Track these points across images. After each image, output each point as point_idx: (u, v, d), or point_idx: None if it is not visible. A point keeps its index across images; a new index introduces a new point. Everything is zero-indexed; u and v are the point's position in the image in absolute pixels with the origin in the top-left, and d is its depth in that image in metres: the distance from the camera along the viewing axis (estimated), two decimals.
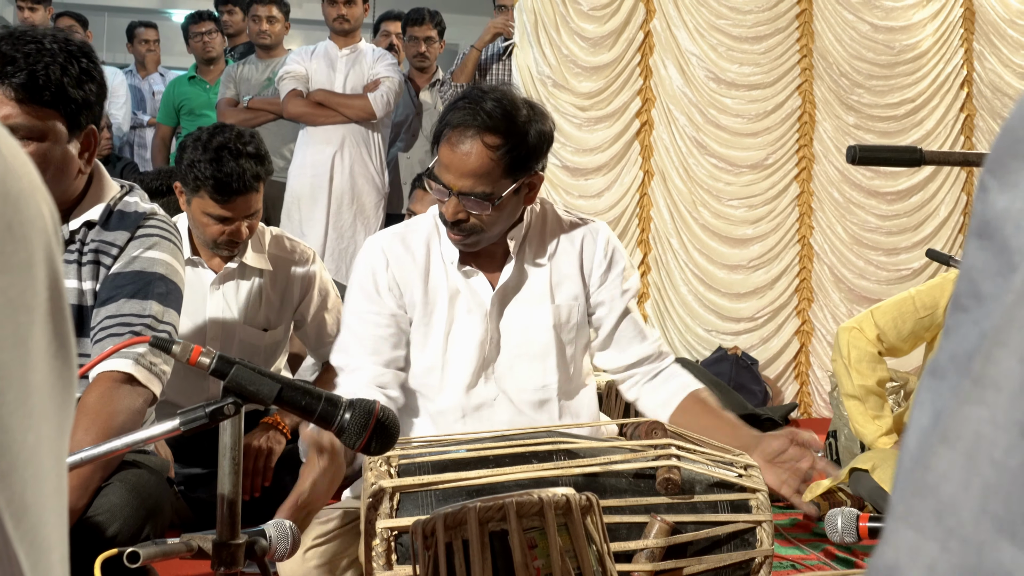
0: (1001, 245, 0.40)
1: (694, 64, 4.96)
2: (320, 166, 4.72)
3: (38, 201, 0.46)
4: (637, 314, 2.30)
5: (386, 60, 4.84)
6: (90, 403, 1.87)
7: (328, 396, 1.38)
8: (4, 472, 0.42)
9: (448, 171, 2.07)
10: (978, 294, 0.41)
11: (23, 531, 0.43)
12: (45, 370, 0.46)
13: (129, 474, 2.04)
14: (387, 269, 2.19)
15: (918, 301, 3.00)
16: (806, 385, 5.13)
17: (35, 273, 0.45)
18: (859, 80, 5.07)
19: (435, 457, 1.83)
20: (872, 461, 2.83)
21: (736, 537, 1.85)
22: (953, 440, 0.39)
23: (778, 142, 5.04)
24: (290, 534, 1.62)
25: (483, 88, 2.11)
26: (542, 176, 2.16)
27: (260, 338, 2.88)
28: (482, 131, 2.04)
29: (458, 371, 2.20)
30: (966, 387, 0.40)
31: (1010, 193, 0.40)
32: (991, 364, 0.39)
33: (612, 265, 2.26)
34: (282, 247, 2.93)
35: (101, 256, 2.06)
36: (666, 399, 2.23)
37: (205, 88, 5.48)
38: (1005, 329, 0.39)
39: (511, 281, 2.22)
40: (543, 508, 1.49)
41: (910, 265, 5.14)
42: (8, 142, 0.45)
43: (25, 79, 1.86)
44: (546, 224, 2.27)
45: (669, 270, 4.99)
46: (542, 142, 2.11)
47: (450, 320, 2.20)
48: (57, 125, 1.92)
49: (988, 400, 0.38)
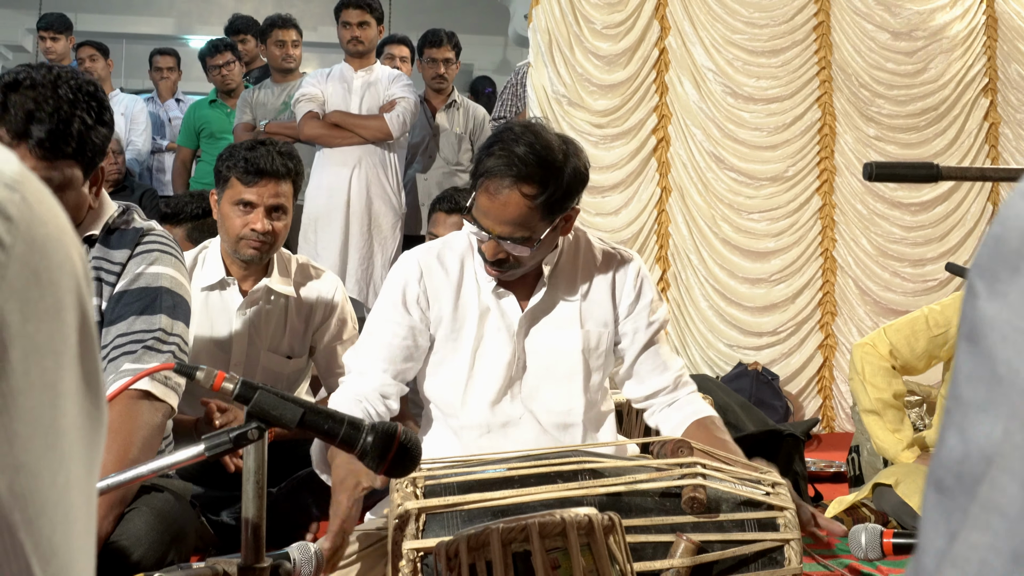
0: (987, 353, 0.41)
1: (711, 79, 4.96)
2: (336, 187, 4.73)
3: (66, 245, 0.46)
4: (664, 346, 2.33)
5: (402, 81, 4.87)
6: (108, 421, 1.89)
7: (351, 420, 1.39)
8: (32, 517, 0.42)
9: (487, 217, 2.10)
10: (961, 398, 0.41)
11: (51, 573, 0.43)
12: (75, 412, 0.46)
13: (153, 499, 2.05)
14: (419, 281, 2.23)
15: (931, 319, 2.99)
16: (829, 399, 5.10)
17: (64, 318, 0.45)
18: (879, 91, 5.04)
19: (461, 478, 1.83)
20: (895, 476, 2.81)
21: (763, 556, 1.84)
22: (962, 564, 0.40)
23: (798, 154, 5.02)
24: (314, 557, 1.62)
25: (515, 130, 2.11)
26: (578, 210, 2.20)
27: (284, 365, 2.89)
28: (519, 181, 2.06)
29: (483, 388, 2.22)
30: (974, 511, 0.40)
31: (998, 302, 0.40)
32: (996, 490, 0.39)
33: (640, 296, 2.29)
34: (307, 275, 2.95)
35: (103, 273, 2.08)
36: (675, 426, 2.27)
37: (226, 112, 5.52)
38: (1009, 454, 0.39)
39: (542, 304, 2.25)
40: (565, 528, 1.49)
41: (936, 276, 5.10)
42: (34, 187, 0.45)
43: (46, 135, 1.86)
44: (579, 251, 2.31)
45: (689, 286, 4.98)
46: (578, 181, 2.14)
47: (479, 338, 2.23)
48: (75, 172, 1.95)
49: (993, 526, 0.39)
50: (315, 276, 2.96)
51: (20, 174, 0.44)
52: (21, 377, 0.42)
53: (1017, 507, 0.38)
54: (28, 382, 0.42)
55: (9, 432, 0.41)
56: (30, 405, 0.42)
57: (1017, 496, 0.38)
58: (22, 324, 0.42)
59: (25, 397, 0.42)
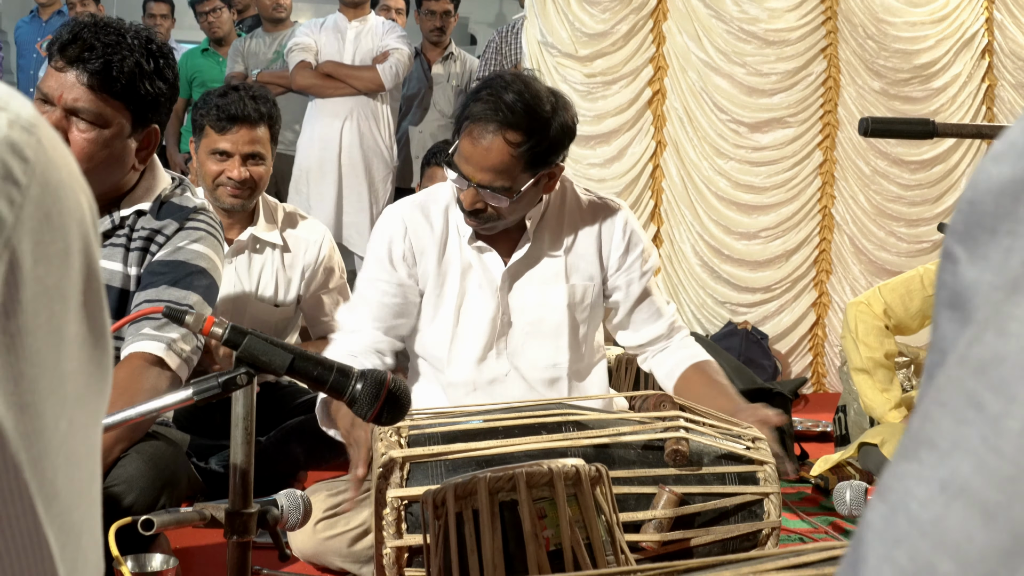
0: (967, 317, 0.41)
1: (711, 26, 4.84)
2: (328, 139, 4.72)
3: (76, 191, 0.47)
4: (656, 293, 2.33)
5: (395, 32, 4.83)
6: (117, 379, 1.90)
7: (340, 367, 1.39)
8: (36, 457, 0.43)
9: (468, 163, 2.07)
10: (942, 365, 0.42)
11: (53, 515, 0.44)
12: (80, 358, 0.47)
13: (147, 445, 2.07)
14: (404, 238, 2.22)
15: (926, 279, 3.00)
16: (820, 357, 5.11)
17: (71, 262, 0.45)
18: (885, 43, 4.97)
19: (445, 428, 1.85)
20: (881, 435, 2.83)
21: (743, 509, 1.86)
22: (885, 493, 0.41)
23: (800, 104, 4.94)
24: (301, 504, 1.64)
25: (505, 78, 2.10)
26: (562, 167, 2.17)
27: (271, 313, 2.91)
28: (504, 127, 2.03)
29: (469, 345, 2.22)
30: (905, 443, 0.41)
31: (979, 265, 0.41)
32: (930, 422, 0.40)
33: (630, 248, 2.27)
34: (294, 223, 2.96)
35: (151, 244, 2.11)
36: (670, 370, 2.28)
37: (218, 61, 5.48)
38: (946, 388, 0.39)
39: (525, 259, 2.23)
40: (553, 479, 1.50)
41: (931, 237, 5.07)
42: (49, 132, 0.46)
43: (100, 67, 1.92)
44: (565, 203, 2.28)
45: (682, 242, 4.97)
46: (564, 135, 2.11)
47: (461, 293, 2.22)
48: (122, 119, 1.98)
49: (921, 457, 0.39)
50: (302, 224, 2.97)
51: (36, 118, 0.45)
52: (30, 318, 0.42)
53: (949, 441, 0.38)
54: (36, 323, 0.43)
55: (15, 371, 0.42)
56: (37, 347, 0.43)
57: (950, 430, 0.38)
58: (33, 265, 0.43)
59: (33, 338, 0.43)
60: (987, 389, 0.38)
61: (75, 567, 0.46)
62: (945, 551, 0.37)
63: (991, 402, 0.37)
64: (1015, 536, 0.36)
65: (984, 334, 0.39)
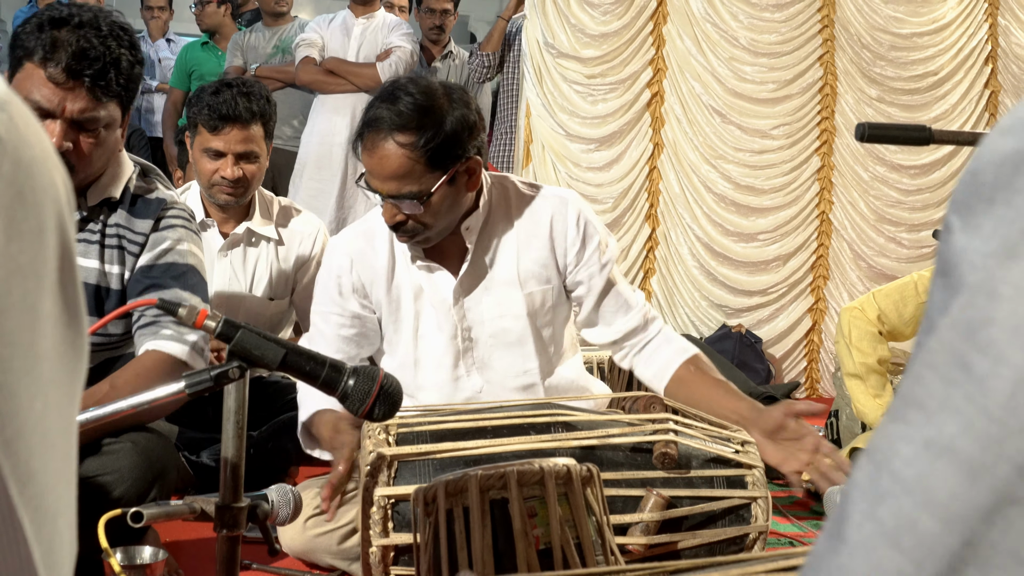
0: (956, 283, 0.41)
1: (711, 32, 4.87)
2: (329, 135, 4.72)
3: (50, 169, 0.46)
4: (621, 282, 2.23)
5: (401, 30, 4.83)
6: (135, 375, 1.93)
7: (332, 362, 1.39)
8: (10, 438, 0.42)
9: (373, 177, 2.02)
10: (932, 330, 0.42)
11: (28, 496, 0.43)
12: (54, 337, 0.46)
13: (138, 436, 2.07)
14: (351, 271, 2.17)
15: (920, 285, 3.01)
16: (815, 363, 5.11)
17: (46, 240, 0.45)
18: (881, 52, 4.98)
19: (433, 427, 1.85)
20: None
21: (731, 512, 1.86)
22: (872, 453, 0.41)
23: (798, 112, 4.96)
24: (292, 499, 1.63)
25: (399, 83, 2.05)
26: (479, 160, 2.05)
27: (265, 307, 2.92)
28: (392, 130, 1.97)
29: (434, 367, 2.18)
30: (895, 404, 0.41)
31: (970, 233, 0.41)
32: (918, 384, 0.40)
33: (586, 241, 2.17)
34: (290, 217, 2.96)
35: (125, 242, 2.10)
36: (659, 370, 2.17)
37: (217, 55, 5.48)
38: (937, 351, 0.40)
39: (473, 271, 2.16)
40: (544, 477, 1.50)
41: (931, 243, 5.07)
42: (21, 109, 0.45)
43: (100, 74, 1.90)
44: (509, 205, 2.18)
45: (678, 244, 4.97)
46: (463, 128, 2.00)
47: (416, 316, 2.17)
48: (118, 112, 1.99)
49: (909, 418, 0.40)
50: (297, 218, 2.98)
51: (7, 95, 0.44)
52: (3, 296, 0.42)
53: (936, 401, 0.39)
54: (9, 302, 0.42)
55: None
56: (10, 326, 0.42)
57: (937, 391, 0.39)
58: (6, 244, 0.42)
59: (5, 317, 0.42)
60: (975, 350, 0.38)
61: (51, 549, 0.45)
62: (928, 508, 0.37)
63: (978, 363, 0.38)
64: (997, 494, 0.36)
65: (975, 298, 0.39)
